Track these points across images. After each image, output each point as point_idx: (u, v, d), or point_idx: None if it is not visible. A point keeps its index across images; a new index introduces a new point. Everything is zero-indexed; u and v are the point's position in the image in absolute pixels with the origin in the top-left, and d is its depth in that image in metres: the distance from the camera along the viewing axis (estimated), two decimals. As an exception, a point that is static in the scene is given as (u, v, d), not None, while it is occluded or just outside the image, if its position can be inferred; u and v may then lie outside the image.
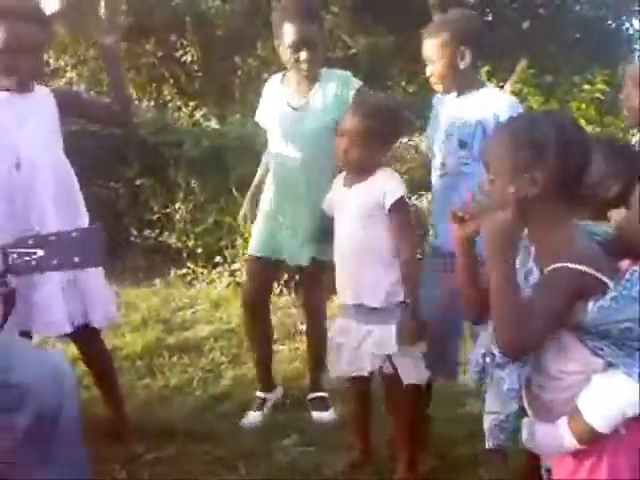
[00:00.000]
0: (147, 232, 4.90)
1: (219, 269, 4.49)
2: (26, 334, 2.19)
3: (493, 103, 2.18)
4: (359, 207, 2.08)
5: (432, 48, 2.18)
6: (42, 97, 2.32)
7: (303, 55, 2.44)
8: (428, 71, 2.23)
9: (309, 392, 2.75)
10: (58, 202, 2.23)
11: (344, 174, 2.21)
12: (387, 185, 2.05)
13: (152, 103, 6.19)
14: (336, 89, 2.51)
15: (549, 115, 1.52)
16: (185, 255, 4.72)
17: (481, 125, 2.17)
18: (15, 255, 1.33)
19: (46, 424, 1.54)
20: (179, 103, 6.15)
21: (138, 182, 4.98)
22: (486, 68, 5.07)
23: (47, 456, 1.57)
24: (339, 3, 7.08)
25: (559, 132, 1.36)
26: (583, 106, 5.04)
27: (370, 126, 2.05)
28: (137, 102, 5.82)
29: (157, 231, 4.97)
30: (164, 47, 6.51)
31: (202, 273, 4.55)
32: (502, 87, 5.06)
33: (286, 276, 3.93)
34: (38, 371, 1.55)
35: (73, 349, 2.58)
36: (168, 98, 6.03)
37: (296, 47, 2.44)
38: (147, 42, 6.44)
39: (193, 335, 3.62)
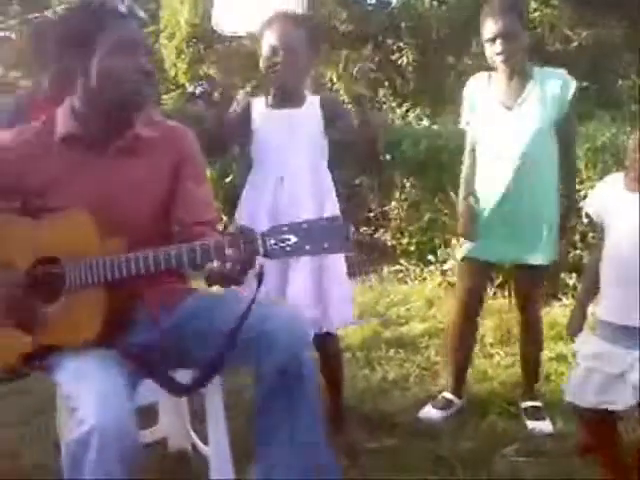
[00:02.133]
0: (363, 229, 5.09)
1: (431, 268, 4.50)
2: None
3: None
4: None
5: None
6: (310, 109, 2.32)
7: (498, 47, 2.40)
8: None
9: (523, 400, 2.67)
10: (314, 214, 2.26)
11: (619, 175, 1.91)
12: None
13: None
14: (554, 88, 2.42)
15: None
16: (398, 252, 4.81)
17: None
18: (272, 241, 1.44)
19: (291, 376, 1.60)
20: (394, 104, 6.26)
21: (357, 181, 5.17)
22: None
23: (292, 412, 1.63)
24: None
25: None
26: None
27: None
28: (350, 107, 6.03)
29: (373, 228, 5.13)
30: (381, 51, 6.66)
31: (414, 271, 4.60)
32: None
33: (501, 278, 3.84)
34: (284, 320, 1.64)
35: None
36: (383, 100, 6.16)
37: (493, 39, 2.41)
38: (364, 47, 6.63)
39: (408, 331, 3.67)
